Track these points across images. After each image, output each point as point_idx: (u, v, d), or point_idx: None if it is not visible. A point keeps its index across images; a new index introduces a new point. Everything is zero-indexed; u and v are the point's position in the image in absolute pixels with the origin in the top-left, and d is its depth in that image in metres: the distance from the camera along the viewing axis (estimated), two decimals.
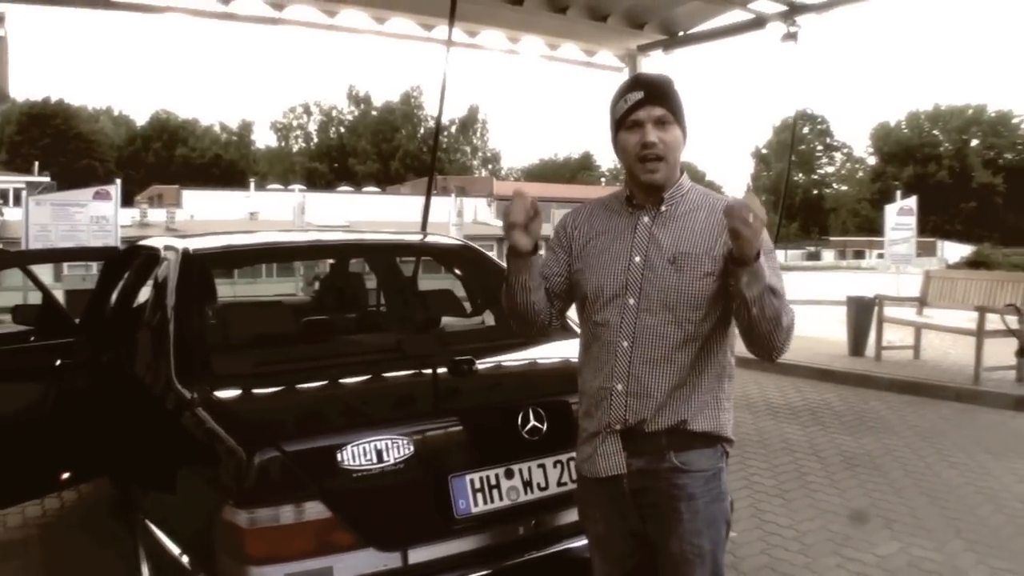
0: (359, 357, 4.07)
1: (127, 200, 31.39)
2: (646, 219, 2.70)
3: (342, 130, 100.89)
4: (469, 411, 3.44)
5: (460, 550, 3.09)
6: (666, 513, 2.66)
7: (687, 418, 2.63)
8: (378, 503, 3.09)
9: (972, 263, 33.92)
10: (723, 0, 11.65)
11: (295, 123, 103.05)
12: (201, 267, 4.27)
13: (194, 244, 4.40)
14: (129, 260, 5.44)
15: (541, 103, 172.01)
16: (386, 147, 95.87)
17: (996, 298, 10.16)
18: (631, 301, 2.66)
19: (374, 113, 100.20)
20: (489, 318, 5.13)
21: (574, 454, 3.01)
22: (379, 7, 11.33)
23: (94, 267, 14.09)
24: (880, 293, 11.89)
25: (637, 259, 2.67)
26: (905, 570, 4.87)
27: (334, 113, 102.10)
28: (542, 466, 3.40)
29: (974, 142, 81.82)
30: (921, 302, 11.58)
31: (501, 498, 3.29)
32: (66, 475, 5.21)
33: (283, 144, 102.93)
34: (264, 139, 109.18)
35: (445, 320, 5.08)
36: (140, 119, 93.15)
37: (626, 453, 2.67)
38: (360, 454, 3.36)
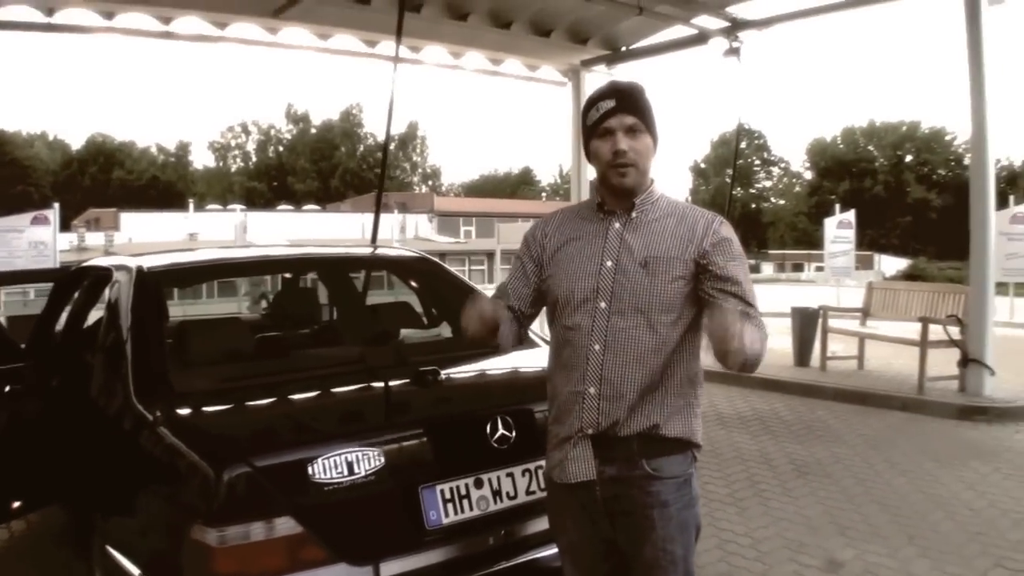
0: (321, 371, 4.03)
1: (64, 225, 30.90)
2: (617, 225, 2.73)
3: (280, 149, 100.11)
4: (437, 421, 3.43)
5: (431, 562, 3.07)
6: (639, 521, 2.68)
7: (659, 423, 2.65)
8: (349, 517, 3.07)
9: (908, 276, 34.44)
10: (666, 16, 11.76)
11: (233, 142, 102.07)
12: (156, 284, 4.21)
13: (147, 262, 4.34)
14: (78, 281, 5.34)
15: (482, 119, 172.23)
16: (325, 165, 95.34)
17: (937, 309, 10.32)
18: (602, 304, 2.68)
19: (313, 131, 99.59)
20: (446, 330, 5.12)
21: (543, 463, 3.02)
22: (324, 24, 11.30)
23: (32, 293, 13.89)
24: (824, 304, 12.04)
25: (608, 263, 2.70)
26: None
27: (272, 132, 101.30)
28: (511, 475, 3.39)
29: (908, 157, 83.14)
30: (864, 313, 11.74)
31: (471, 508, 3.27)
32: (16, 504, 5.08)
33: (221, 164, 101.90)
34: (202, 159, 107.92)
35: (404, 332, 5.06)
36: (76, 143, 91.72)
37: (598, 460, 2.68)
38: (329, 467, 3.32)
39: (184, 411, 3.29)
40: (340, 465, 3.03)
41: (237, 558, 2.71)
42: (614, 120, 2.67)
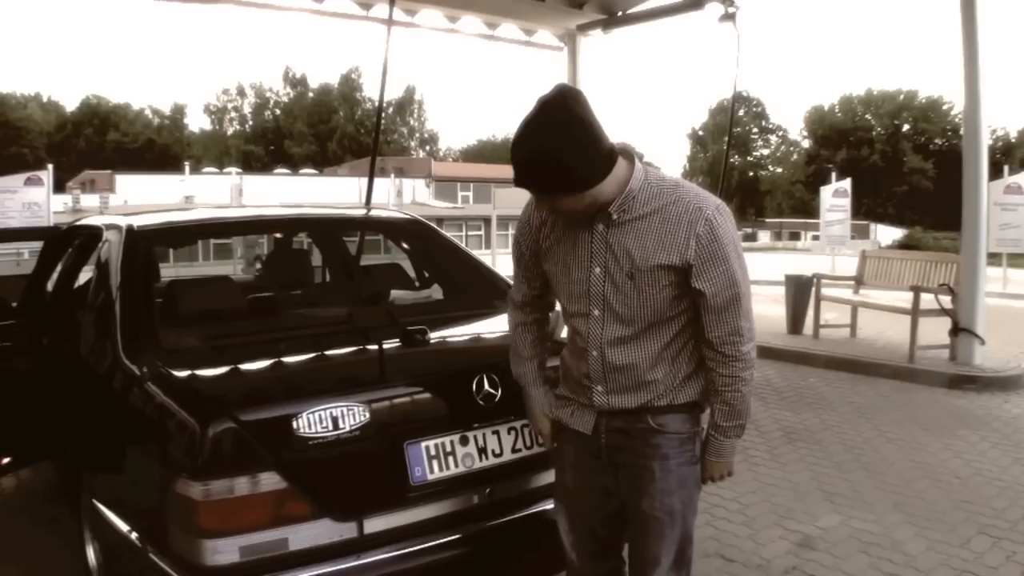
0: (310, 330, 4.05)
1: (58, 187, 30.73)
2: (600, 227, 2.65)
3: (278, 112, 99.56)
4: (423, 378, 3.44)
5: (416, 519, 3.09)
6: (639, 472, 2.75)
7: (671, 401, 2.72)
8: (333, 473, 3.08)
9: (904, 246, 34.40)
10: None
11: (229, 105, 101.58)
12: (146, 243, 4.21)
13: (138, 221, 4.34)
14: (69, 239, 5.34)
15: (479, 84, 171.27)
16: (323, 129, 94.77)
17: (930, 278, 10.34)
18: (596, 312, 2.70)
19: (311, 95, 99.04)
20: (437, 292, 5.14)
21: (527, 421, 3.07)
22: None
23: (26, 253, 13.87)
24: (817, 272, 12.05)
25: (597, 270, 2.67)
26: (846, 541, 4.97)
27: (269, 95, 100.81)
28: (496, 432, 3.41)
29: (905, 127, 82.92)
30: (857, 281, 11.76)
31: (456, 465, 3.29)
32: (6, 460, 5.11)
33: (217, 127, 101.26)
34: (198, 122, 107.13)
35: (395, 294, 5.06)
36: (70, 105, 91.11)
37: (605, 417, 2.79)
38: (315, 423, 3.34)
39: (171, 368, 3.29)
40: (325, 421, 3.04)
41: (221, 512, 2.73)
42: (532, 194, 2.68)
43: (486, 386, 3.36)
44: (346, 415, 3.06)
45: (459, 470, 3.32)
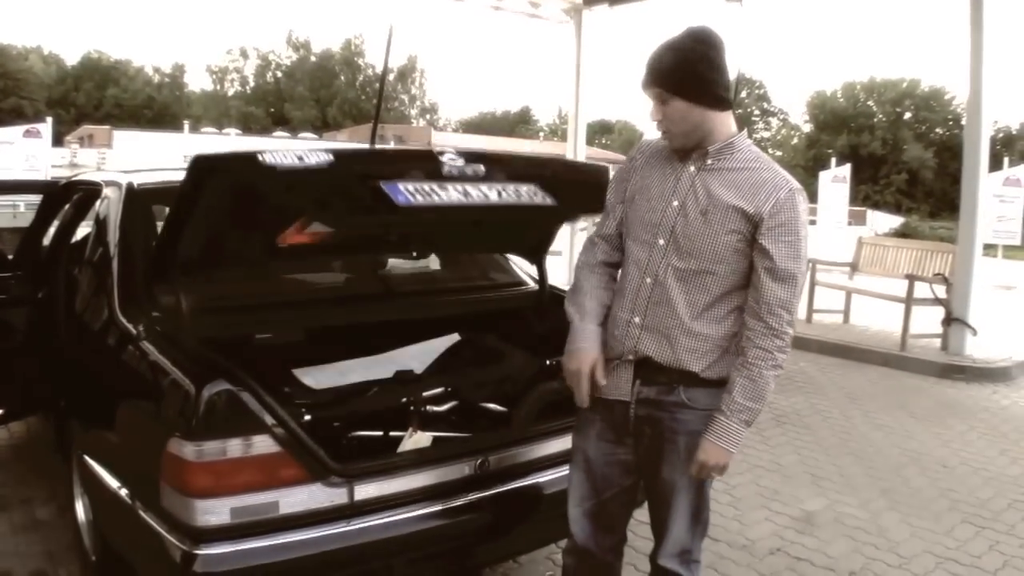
0: (307, 295, 4.06)
1: (57, 140, 30.56)
2: (692, 168, 2.81)
3: (279, 75, 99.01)
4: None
5: (407, 487, 3.10)
6: (664, 443, 2.84)
7: (699, 371, 2.79)
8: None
9: (900, 234, 34.40)
10: None
11: (231, 66, 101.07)
12: (145, 201, 4.21)
13: (138, 179, 4.34)
14: (68, 195, 5.33)
15: (482, 56, 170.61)
16: (324, 93, 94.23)
17: (925, 267, 10.35)
18: (660, 242, 2.81)
19: (313, 59, 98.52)
20: (434, 262, 5.14)
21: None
22: None
23: (22, 206, 13.81)
24: (813, 257, 12.04)
25: (675, 203, 2.81)
26: (831, 525, 5.01)
27: (271, 57, 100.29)
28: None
29: (907, 115, 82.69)
30: (852, 268, 11.77)
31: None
32: None
33: (218, 88, 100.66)
34: (198, 83, 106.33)
35: (391, 262, 5.07)
36: (71, 59, 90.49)
37: (638, 381, 2.85)
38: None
39: (168, 327, 3.30)
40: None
41: (213, 473, 2.75)
42: (647, 92, 2.79)
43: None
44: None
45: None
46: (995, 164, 13.89)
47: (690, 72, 2.70)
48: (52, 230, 5.47)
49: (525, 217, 3.70)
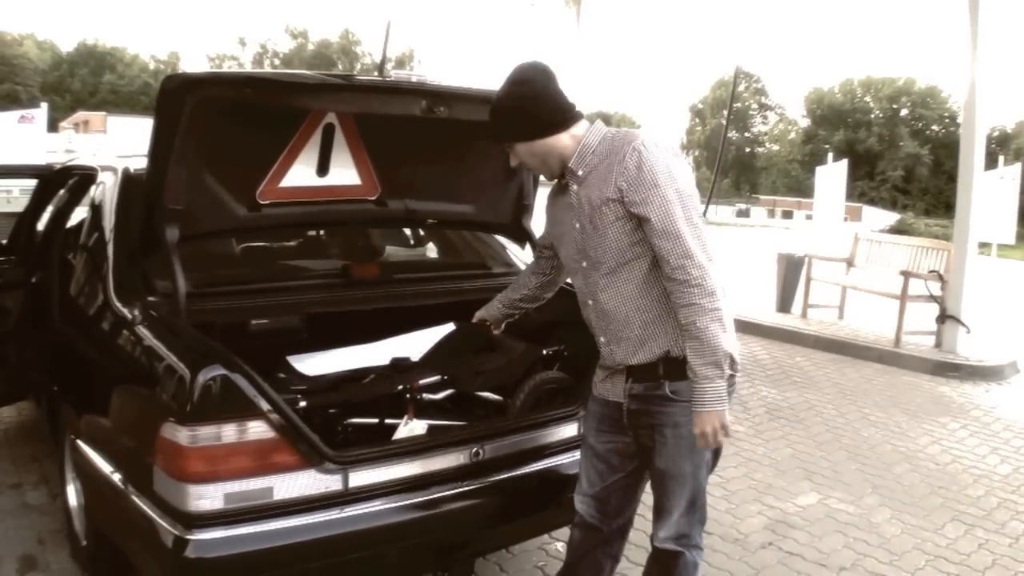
0: (303, 281, 4.05)
1: (52, 126, 30.44)
2: (575, 187, 2.93)
3: (277, 63, 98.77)
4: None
5: (402, 475, 3.09)
6: (654, 436, 2.93)
7: (669, 348, 2.86)
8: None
9: (895, 231, 34.45)
10: None
11: (228, 54, 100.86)
12: (141, 187, 4.19)
13: (134, 164, 4.32)
14: (63, 180, 5.31)
15: (482, 45, 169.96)
16: None
17: (920, 264, 10.34)
18: (584, 264, 2.95)
19: (311, 47, 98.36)
20: (431, 251, 5.14)
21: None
22: None
23: (16, 191, 13.76)
24: (809, 252, 12.05)
25: (577, 225, 2.93)
26: (823, 521, 5.02)
27: (269, 46, 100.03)
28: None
29: (904, 111, 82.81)
30: (848, 263, 11.76)
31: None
32: None
33: (216, 70, 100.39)
34: (196, 70, 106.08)
35: (389, 250, 5.07)
36: (66, 47, 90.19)
37: (630, 380, 2.96)
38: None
39: (163, 312, 3.29)
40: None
41: (207, 458, 2.73)
42: None
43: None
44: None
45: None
46: (990, 162, 13.89)
47: (509, 118, 2.91)
48: (47, 215, 5.45)
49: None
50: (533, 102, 2.86)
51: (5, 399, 5.27)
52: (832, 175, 16.04)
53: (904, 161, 78.09)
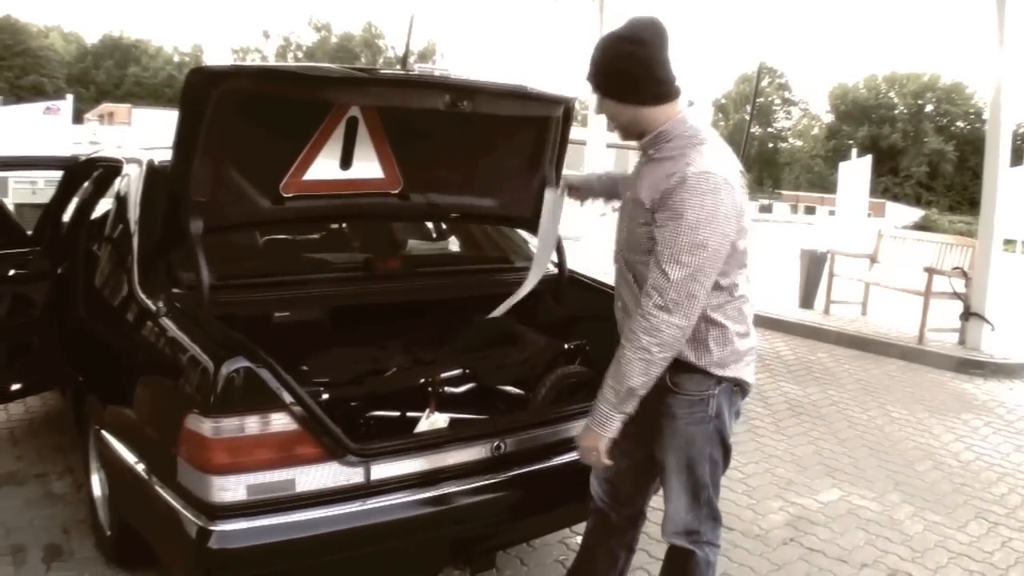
0: (326, 274, 4.06)
1: (77, 118, 30.58)
2: (643, 158, 2.92)
3: (300, 55, 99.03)
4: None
5: (424, 468, 3.10)
6: (652, 426, 2.95)
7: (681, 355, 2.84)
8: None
9: (919, 227, 34.24)
10: None
11: (253, 47, 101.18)
12: (165, 179, 4.21)
13: (159, 156, 4.34)
14: (88, 171, 5.34)
15: (501, 39, 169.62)
16: None
17: (944, 261, 10.28)
18: (623, 229, 2.98)
19: (334, 40, 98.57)
20: (453, 244, 5.15)
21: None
22: None
23: (41, 182, 13.84)
24: (832, 248, 12.00)
25: (628, 194, 2.96)
26: (844, 517, 5.00)
27: (292, 39, 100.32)
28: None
29: (928, 107, 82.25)
30: (872, 260, 11.70)
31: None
32: (16, 387, 5.13)
33: (240, 63, 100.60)
34: (220, 62, 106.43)
35: (411, 243, 5.08)
36: (91, 39, 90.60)
37: None
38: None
39: (187, 304, 3.31)
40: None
41: (230, 450, 2.75)
42: None
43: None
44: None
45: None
46: (1016, 159, 13.79)
47: (613, 73, 2.79)
48: (72, 206, 5.48)
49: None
50: (639, 65, 2.74)
51: (31, 389, 5.31)
52: (856, 171, 15.96)
53: (929, 157, 77.53)
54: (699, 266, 2.64)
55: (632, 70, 2.74)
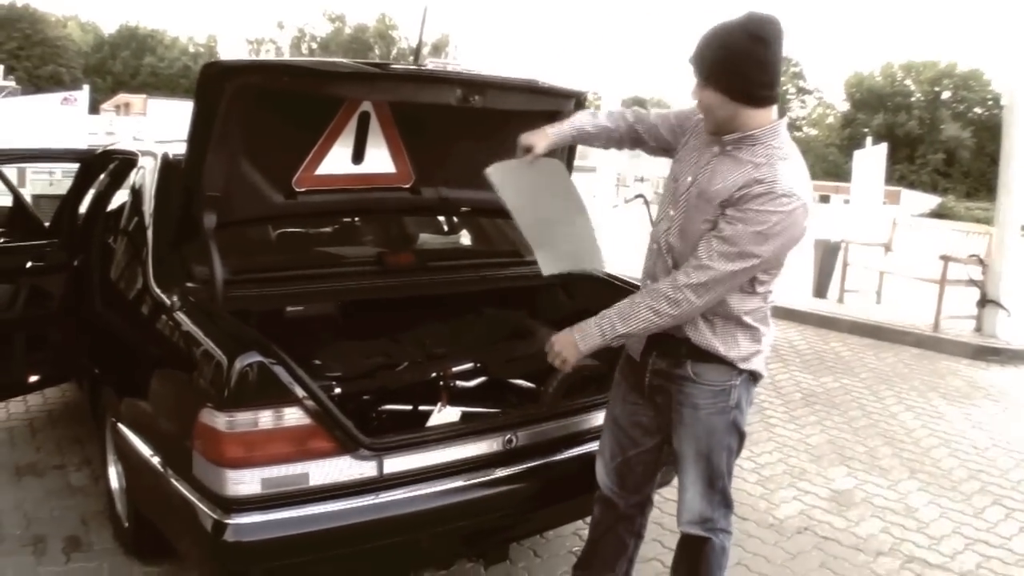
0: (339, 268, 4.07)
1: (93, 108, 30.63)
2: (716, 148, 2.83)
3: (314, 47, 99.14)
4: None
5: (436, 461, 3.12)
6: (672, 415, 2.97)
7: (690, 335, 2.87)
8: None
9: (935, 215, 34.07)
10: None
11: (267, 38, 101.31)
12: (180, 173, 4.23)
13: (174, 149, 4.36)
14: (104, 163, 5.36)
15: (515, 30, 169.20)
16: None
17: (960, 248, 10.25)
18: (671, 212, 2.92)
19: (348, 31, 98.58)
20: (465, 238, 5.15)
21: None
22: None
23: (59, 173, 13.88)
24: (846, 237, 11.95)
25: (689, 179, 2.88)
26: (859, 505, 5.00)
27: (307, 30, 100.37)
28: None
29: (945, 94, 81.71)
30: (886, 248, 11.66)
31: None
32: (34, 378, 5.17)
33: (254, 58, 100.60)
34: (235, 54, 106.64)
35: (423, 237, 5.09)
36: (108, 28, 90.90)
37: (655, 352, 2.99)
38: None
39: (201, 298, 3.33)
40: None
41: (244, 444, 2.77)
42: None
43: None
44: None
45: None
46: None
47: (729, 68, 2.68)
48: (88, 198, 5.51)
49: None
50: (757, 65, 2.66)
51: (48, 381, 5.35)
52: (871, 159, 15.89)
53: (945, 144, 77.03)
54: (745, 270, 2.70)
55: (749, 69, 2.66)
